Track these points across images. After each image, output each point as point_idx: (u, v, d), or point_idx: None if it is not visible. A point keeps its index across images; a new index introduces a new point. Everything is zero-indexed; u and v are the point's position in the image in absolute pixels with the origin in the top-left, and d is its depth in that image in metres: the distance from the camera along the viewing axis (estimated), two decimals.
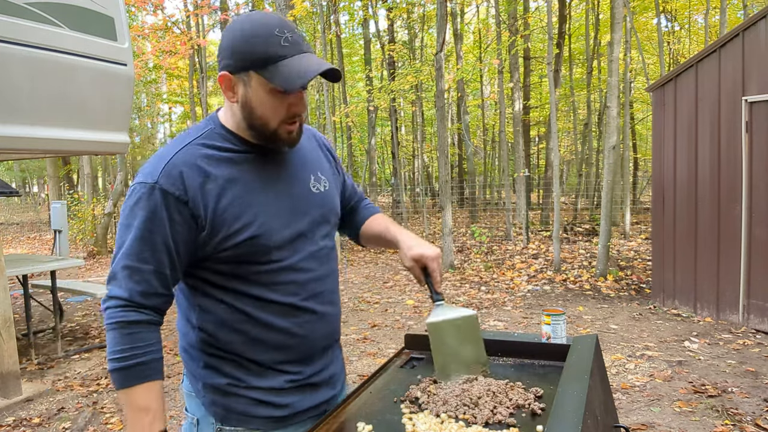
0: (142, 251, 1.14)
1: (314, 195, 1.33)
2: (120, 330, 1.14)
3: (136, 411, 1.14)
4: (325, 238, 1.34)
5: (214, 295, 1.25)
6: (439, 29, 8.80)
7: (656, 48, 13.95)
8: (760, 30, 5.02)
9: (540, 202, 14.54)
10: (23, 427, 3.58)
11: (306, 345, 1.31)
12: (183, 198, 1.15)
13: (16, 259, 5.32)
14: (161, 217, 1.14)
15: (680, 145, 5.80)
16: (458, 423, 1.16)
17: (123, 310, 1.14)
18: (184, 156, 1.18)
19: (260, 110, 1.18)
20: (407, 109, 20.13)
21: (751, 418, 3.33)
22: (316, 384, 1.35)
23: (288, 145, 1.25)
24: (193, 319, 1.28)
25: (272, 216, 1.23)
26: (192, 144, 1.21)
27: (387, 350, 4.94)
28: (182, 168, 1.16)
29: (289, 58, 1.14)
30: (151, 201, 1.14)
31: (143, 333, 1.15)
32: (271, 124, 1.20)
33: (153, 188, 1.14)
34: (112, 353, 1.14)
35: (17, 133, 3.59)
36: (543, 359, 1.52)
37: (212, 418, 1.29)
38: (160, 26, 13.73)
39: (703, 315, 5.61)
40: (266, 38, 1.13)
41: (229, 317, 1.24)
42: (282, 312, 1.26)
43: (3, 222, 21.97)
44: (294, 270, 1.26)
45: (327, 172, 1.40)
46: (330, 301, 1.35)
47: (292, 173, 1.31)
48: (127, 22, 4.49)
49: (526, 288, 7.31)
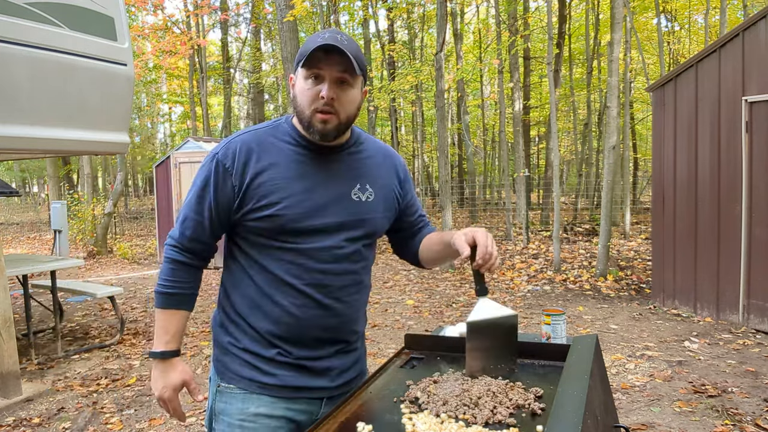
0: (195, 205, 1.40)
1: (352, 201, 1.44)
2: (168, 264, 1.42)
3: (162, 329, 1.41)
4: (348, 240, 1.43)
5: (237, 257, 1.45)
6: (439, 29, 8.80)
7: (656, 48, 13.95)
8: (760, 30, 5.02)
9: (540, 202, 14.54)
10: (23, 427, 3.58)
11: (301, 328, 1.41)
12: (230, 170, 1.37)
13: (16, 259, 5.32)
14: (213, 181, 1.38)
15: (680, 145, 5.80)
16: (458, 423, 1.15)
17: (173, 249, 1.42)
18: (244, 138, 1.41)
19: (300, 98, 1.37)
20: (407, 109, 20.14)
21: (751, 418, 3.33)
22: (308, 368, 1.43)
23: (320, 135, 1.37)
24: (223, 279, 1.51)
25: (299, 203, 1.37)
26: (257, 131, 1.44)
27: (387, 350, 4.94)
28: (238, 146, 1.39)
29: (318, 45, 1.30)
30: (210, 167, 1.39)
31: (182, 272, 1.41)
32: (306, 110, 1.36)
33: (214, 157, 1.40)
34: (159, 279, 1.42)
35: (17, 133, 3.59)
36: (543, 359, 1.52)
37: (216, 375, 1.47)
38: (160, 26, 13.74)
39: (703, 315, 5.61)
40: (312, 39, 1.34)
41: (242, 280, 1.43)
42: (282, 289, 1.39)
43: (3, 222, 21.98)
44: (304, 255, 1.39)
45: (379, 188, 1.50)
46: (337, 298, 1.42)
47: (338, 176, 1.43)
48: (127, 22, 4.48)
49: (526, 288, 7.31)
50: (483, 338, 1.37)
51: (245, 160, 1.38)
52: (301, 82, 1.36)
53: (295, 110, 1.40)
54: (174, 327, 1.41)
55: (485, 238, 1.37)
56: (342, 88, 1.34)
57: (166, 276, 1.41)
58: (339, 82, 1.33)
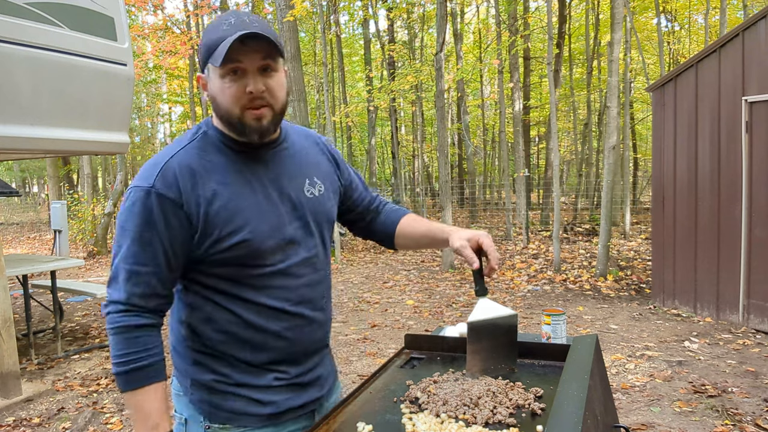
0: (140, 254, 1.16)
1: (308, 199, 1.32)
2: (122, 335, 1.16)
3: (141, 413, 1.16)
4: (317, 244, 1.34)
5: (205, 295, 1.26)
6: (439, 29, 8.80)
7: (656, 48, 13.95)
8: (760, 30, 5.02)
9: (540, 202, 14.54)
10: (23, 427, 3.58)
11: (294, 348, 1.31)
12: (178, 201, 1.16)
13: (16, 259, 5.32)
14: (158, 219, 1.16)
15: (680, 145, 5.80)
16: (458, 423, 1.15)
17: (124, 314, 1.16)
18: (178, 159, 1.19)
19: (220, 98, 1.19)
20: (407, 109, 20.13)
21: (751, 418, 3.33)
22: (302, 384, 1.35)
23: (258, 134, 1.21)
24: (183, 317, 1.29)
25: (264, 220, 1.23)
26: (185, 148, 1.22)
27: (387, 350, 4.94)
28: (177, 171, 1.17)
29: (229, 37, 1.13)
30: (148, 204, 1.15)
31: (144, 337, 1.17)
32: (234, 111, 1.18)
33: (149, 192, 1.16)
34: (115, 357, 1.16)
35: (17, 133, 3.59)
36: (543, 359, 1.52)
37: (201, 416, 1.30)
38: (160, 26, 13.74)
39: (703, 315, 5.61)
40: (214, 29, 1.16)
41: (218, 317, 1.26)
42: (272, 316, 1.26)
43: (3, 222, 21.97)
44: (286, 275, 1.27)
45: (324, 177, 1.39)
46: (320, 308, 1.35)
47: (286, 176, 1.30)
48: (127, 22, 4.48)
49: (526, 288, 7.31)
50: (483, 338, 1.37)
51: (192, 185, 1.17)
52: (216, 81, 1.18)
53: (219, 113, 1.21)
54: (157, 405, 1.17)
55: (492, 246, 1.32)
56: (268, 76, 1.18)
57: (127, 349, 1.15)
58: (262, 70, 1.17)
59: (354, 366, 4.58)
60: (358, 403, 1.30)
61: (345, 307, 6.73)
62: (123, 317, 1.16)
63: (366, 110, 15.38)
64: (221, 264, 1.22)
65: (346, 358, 4.77)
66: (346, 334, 5.48)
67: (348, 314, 6.34)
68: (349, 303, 6.91)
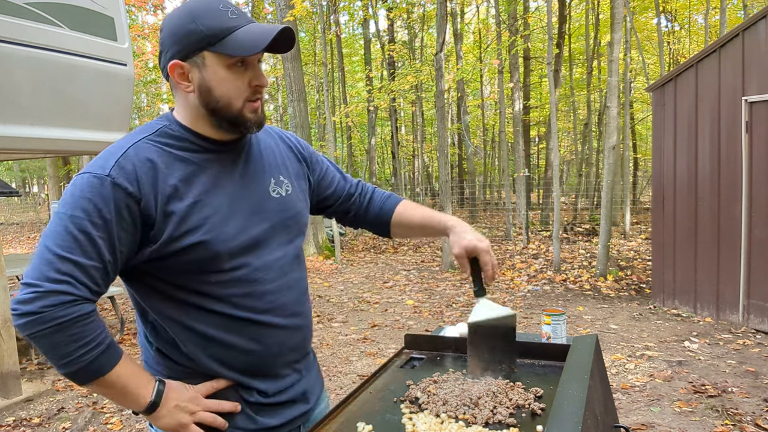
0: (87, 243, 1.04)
1: (273, 199, 1.25)
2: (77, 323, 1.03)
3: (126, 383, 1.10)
4: (284, 245, 1.26)
5: (166, 313, 1.17)
6: (439, 29, 8.80)
7: (656, 48, 13.95)
8: (760, 30, 5.02)
9: (540, 202, 14.54)
10: (23, 427, 3.58)
11: (268, 361, 1.23)
12: (135, 194, 1.07)
13: (16, 259, 5.32)
14: (109, 210, 1.05)
15: (680, 145, 5.80)
16: (458, 423, 1.15)
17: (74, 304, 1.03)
18: (136, 151, 1.10)
19: (220, 90, 1.12)
20: (407, 109, 20.14)
21: (751, 418, 3.33)
22: (285, 402, 1.28)
23: (256, 125, 1.17)
24: (150, 338, 1.22)
25: (225, 220, 1.15)
26: (145, 140, 1.13)
27: (387, 350, 4.94)
28: (136, 163, 1.09)
29: (242, 27, 1.10)
30: (101, 192, 1.05)
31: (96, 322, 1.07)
32: (235, 104, 1.13)
33: (103, 180, 1.05)
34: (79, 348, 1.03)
35: (17, 133, 3.59)
36: (543, 359, 1.52)
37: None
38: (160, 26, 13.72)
39: (703, 315, 5.61)
40: (213, 14, 1.10)
41: (183, 337, 1.17)
42: (238, 328, 1.18)
43: (3, 222, 21.98)
44: (248, 281, 1.18)
45: (291, 175, 1.32)
46: (293, 313, 1.26)
47: (250, 175, 1.23)
48: (127, 22, 4.49)
49: (526, 288, 7.31)
50: (483, 339, 1.37)
51: (152, 180, 1.09)
52: (220, 71, 1.11)
53: (210, 106, 1.13)
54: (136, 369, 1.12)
55: (489, 255, 1.32)
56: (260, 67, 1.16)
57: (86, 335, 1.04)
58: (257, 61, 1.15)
59: (354, 366, 4.59)
60: (358, 403, 1.30)
61: (345, 307, 6.73)
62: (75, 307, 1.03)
63: (366, 110, 15.38)
64: (179, 271, 1.13)
65: (346, 358, 4.77)
66: (346, 334, 5.48)
67: (348, 314, 6.34)
68: (349, 303, 6.91)
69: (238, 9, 1.13)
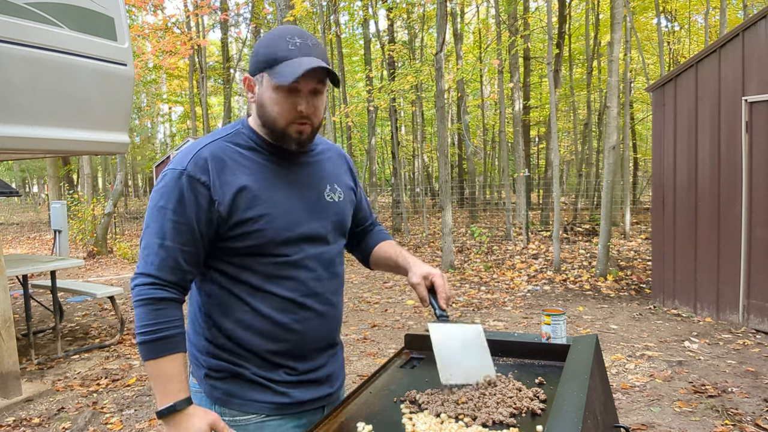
0: (169, 231, 1.25)
1: (328, 203, 1.42)
2: (148, 306, 1.23)
3: (163, 380, 1.22)
4: (332, 243, 1.43)
5: (221, 282, 1.34)
6: (439, 29, 8.80)
7: (656, 48, 13.95)
8: (760, 30, 5.02)
9: (540, 202, 14.54)
10: (23, 427, 3.58)
11: (303, 342, 1.37)
12: (206, 183, 1.26)
13: (16, 259, 5.32)
14: (188, 199, 1.25)
15: (680, 145, 5.80)
16: (458, 423, 1.16)
17: (150, 287, 1.24)
18: (211, 148, 1.31)
19: (269, 107, 1.30)
20: (407, 109, 20.14)
21: (751, 418, 3.33)
22: (312, 381, 1.41)
23: (297, 145, 1.33)
24: (201, 304, 1.37)
25: (281, 214, 1.32)
26: (220, 140, 1.34)
27: (387, 350, 4.94)
28: (208, 158, 1.28)
29: (292, 59, 1.25)
30: (180, 184, 1.25)
31: (168, 309, 1.24)
32: (279, 123, 1.30)
33: (181, 174, 1.26)
34: (140, 327, 1.23)
35: (17, 133, 3.59)
36: (543, 359, 1.52)
37: (215, 406, 1.36)
38: (160, 26, 13.73)
39: (703, 315, 5.61)
40: (278, 42, 1.28)
41: (232, 305, 1.33)
42: (281, 306, 1.33)
43: (3, 222, 21.97)
44: (297, 267, 1.34)
45: (343, 187, 1.50)
46: (330, 303, 1.41)
47: (308, 179, 1.40)
48: (127, 22, 4.48)
49: (526, 288, 7.31)
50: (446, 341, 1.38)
51: (221, 171, 1.28)
52: (269, 92, 1.29)
53: (263, 119, 1.33)
54: (177, 373, 1.23)
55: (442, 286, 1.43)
56: (316, 97, 1.30)
57: (152, 320, 1.23)
58: (313, 92, 1.29)
59: (354, 366, 4.59)
60: (358, 403, 1.30)
61: (345, 307, 6.73)
62: (149, 290, 1.24)
63: (366, 110, 15.36)
64: (236, 253, 1.31)
65: (346, 358, 4.76)
66: (346, 334, 5.48)
67: (348, 314, 6.34)
68: (349, 303, 6.91)
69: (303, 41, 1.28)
